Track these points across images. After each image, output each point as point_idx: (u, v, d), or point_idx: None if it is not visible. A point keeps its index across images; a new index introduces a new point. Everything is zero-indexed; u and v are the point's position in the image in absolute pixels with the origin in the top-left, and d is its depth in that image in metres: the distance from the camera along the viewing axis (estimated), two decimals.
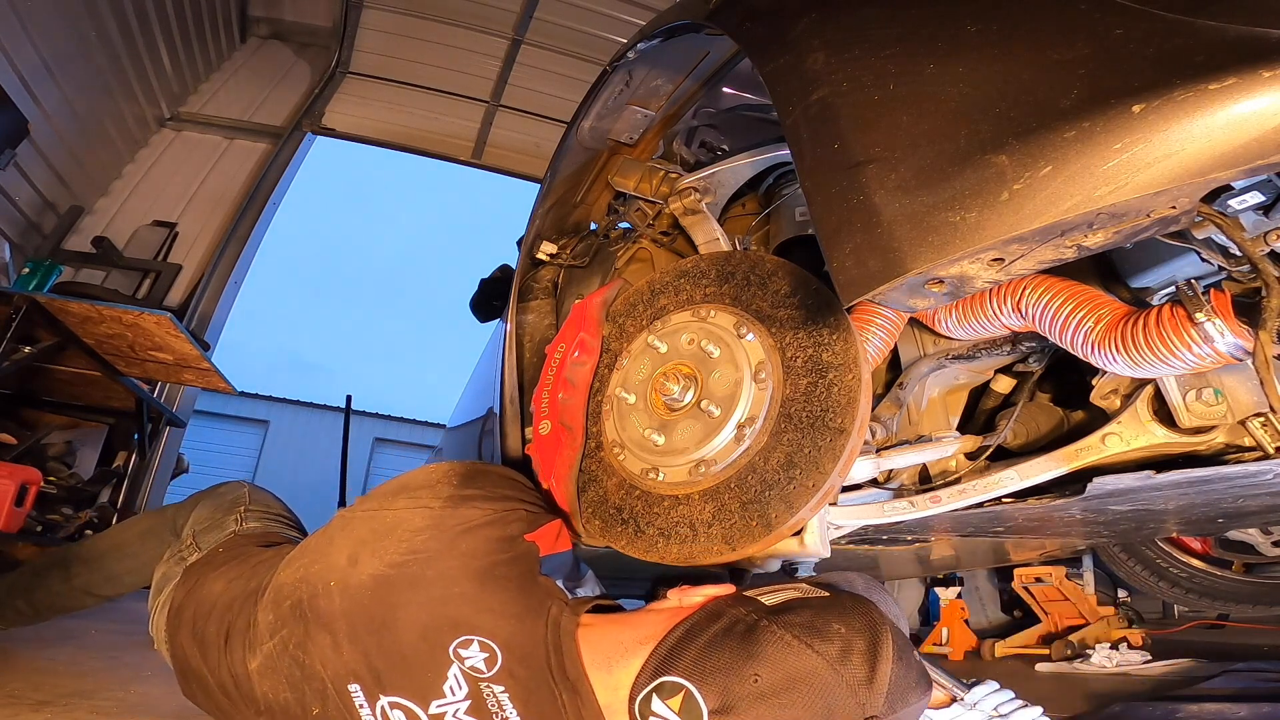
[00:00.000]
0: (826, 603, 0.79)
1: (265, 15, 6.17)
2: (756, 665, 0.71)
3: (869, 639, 0.73)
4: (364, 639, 0.86)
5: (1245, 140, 0.54)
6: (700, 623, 0.79)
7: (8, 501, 2.47)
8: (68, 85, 4.28)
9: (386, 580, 0.87)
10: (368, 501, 0.98)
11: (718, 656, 0.73)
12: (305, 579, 0.92)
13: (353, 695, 0.87)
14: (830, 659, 0.71)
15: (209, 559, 1.16)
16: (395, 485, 0.98)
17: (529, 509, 0.96)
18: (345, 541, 0.93)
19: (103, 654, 1.74)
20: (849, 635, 0.73)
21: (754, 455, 0.94)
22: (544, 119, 6.31)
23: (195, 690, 1.07)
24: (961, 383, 1.24)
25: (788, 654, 0.71)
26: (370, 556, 0.89)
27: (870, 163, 0.69)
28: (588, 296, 1.23)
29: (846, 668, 0.70)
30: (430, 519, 0.90)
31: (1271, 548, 2.06)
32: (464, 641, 0.83)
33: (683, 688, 0.72)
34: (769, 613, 0.77)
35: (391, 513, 0.93)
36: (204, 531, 1.24)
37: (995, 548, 1.99)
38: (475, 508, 0.92)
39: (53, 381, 3.28)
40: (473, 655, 0.83)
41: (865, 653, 0.71)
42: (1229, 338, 0.76)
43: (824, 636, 0.72)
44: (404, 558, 0.87)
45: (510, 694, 0.82)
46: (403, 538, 0.89)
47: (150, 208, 5.20)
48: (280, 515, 1.33)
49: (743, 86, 1.79)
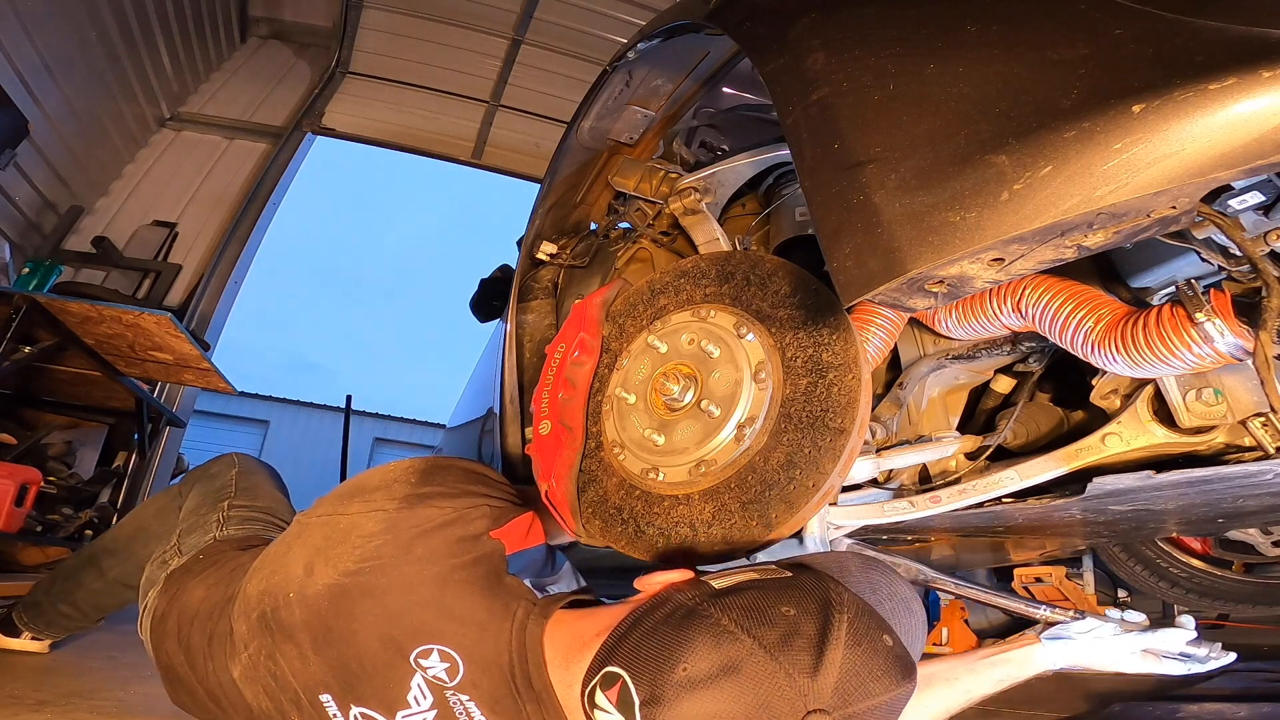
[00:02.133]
0: (782, 584, 0.70)
1: (265, 15, 6.17)
2: (685, 653, 0.64)
3: (819, 622, 0.64)
4: (326, 651, 0.84)
5: (1245, 140, 0.53)
6: (646, 610, 0.73)
7: (8, 501, 2.47)
8: (68, 85, 4.28)
9: (342, 590, 0.83)
10: (323, 505, 0.93)
11: (651, 644, 0.67)
12: (268, 590, 0.89)
13: (325, 705, 0.85)
14: (768, 645, 0.63)
15: (189, 566, 1.13)
16: (351, 486, 0.94)
17: (494, 504, 0.91)
18: (301, 550, 0.89)
19: (103, 654, 1.74)
20: (797, 619, 0.65)
21: (754, 455, 0.94)
22: (544, 119, 6.31)
23: (184, 697, 1.06)
24: (961, 383, 1.24)
25: (721, 640, 0.64)
26: (324, 565, 0.85)
27: (870, 163, 0.69)
28: (588, 296, 1.23)
29: (786, 654, 0.62)
30: (384, 523, 0.86)
31: (1271, 548, 2.05)
32: (424, 651, 0.80)
33: (619, 678, 0.66)
34: (712, 596, 0.70)
35: (346, 518, 0.89)
36: (187, 532, 1.22)
37: (995, 547, 1.99)
38: (433, 507, 0.87)
39: (53, 381, 3.28)
40: (434, 665, 0.80)
41: (811, 638, 0.63)
42: (1229, 338, 0.76)
43: (765, 620, 0.65)
44: (358, 565, 0.83)
45: (477, 702, 0.80)
46: (356, 544, 0.85)
47: (150, 208, 5.20)
48: (265, 511, 1.29)
49: (743, 86, 1.79)
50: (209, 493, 1.31)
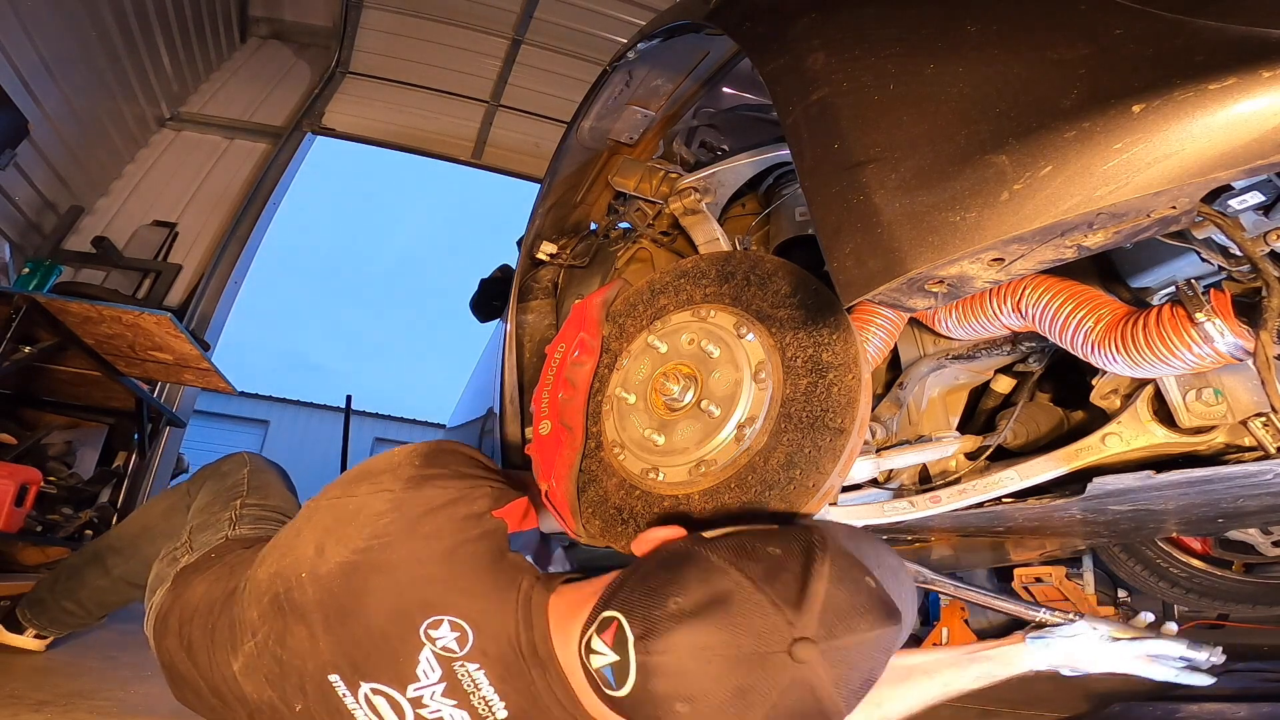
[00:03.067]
0: (769, 531, 0.75)
1: (265, 15, 6.17)
2: (677, 587, 0.68)
3: (803, 560, 0.68)
4: (336, 628, 0.86)
5: (1245, 140, 0.53)
6: (641, 562, 0.78)
7: (8, 501, 2.47)
8: (68, 85, 4.28)
9: (353, 566, 0.86)
10: (331, 490, 0.97)
11: (645, 585, 0.71)
12: (279, 573, 0.92)
13: (334, 686, 0.87)
14: (755, 577, 0.67)
15: (198, 564, 1.14)
16: (358, 471, 0.98)
17: (493, 485, 0.95)
18: (311, 532, 0.92)
19: (102, 654, 1.74)
20: (783, 557, 0.69)
21: (754, 455, 0.94)
22: (544, 119, 6.31)
23: (187, 694, 1.07)
24: (961, 383, 1.24)
25: (711, 574, 0.68)
26: (335, 544, 0.88)
27: (870, 163, 0.69)
28: (588, 296, 1.23)
29: (772, 586, 0.66)
30: (391, 502, 0.89)
31: (1271, 548, 2.05)
32: (434, 622, 0.83)
33: (614, 619, 0.69)
34: (702, 541, 0.75)
35: (354, 499, 0.92)
36: (199, 529, 1.23)
37: (995, 547, 1.99)
38: (437, 487, 0.91)
39: (53, 381, 3.28)
40: (443, 635, 0.83)
41: (796, 573, 0.67)
42: (1229, 338, 0.76)
43: (752, 557, 0.69)
44: (368, 543, 0.87)
45: (485, 670, 0.82)
46: (365, 523, 0.88)
47: (150, 208, 5.19)
48: (277, 510, 1.31)
49: (743, 86, 1.79)
50: (220, 490, 1.32)
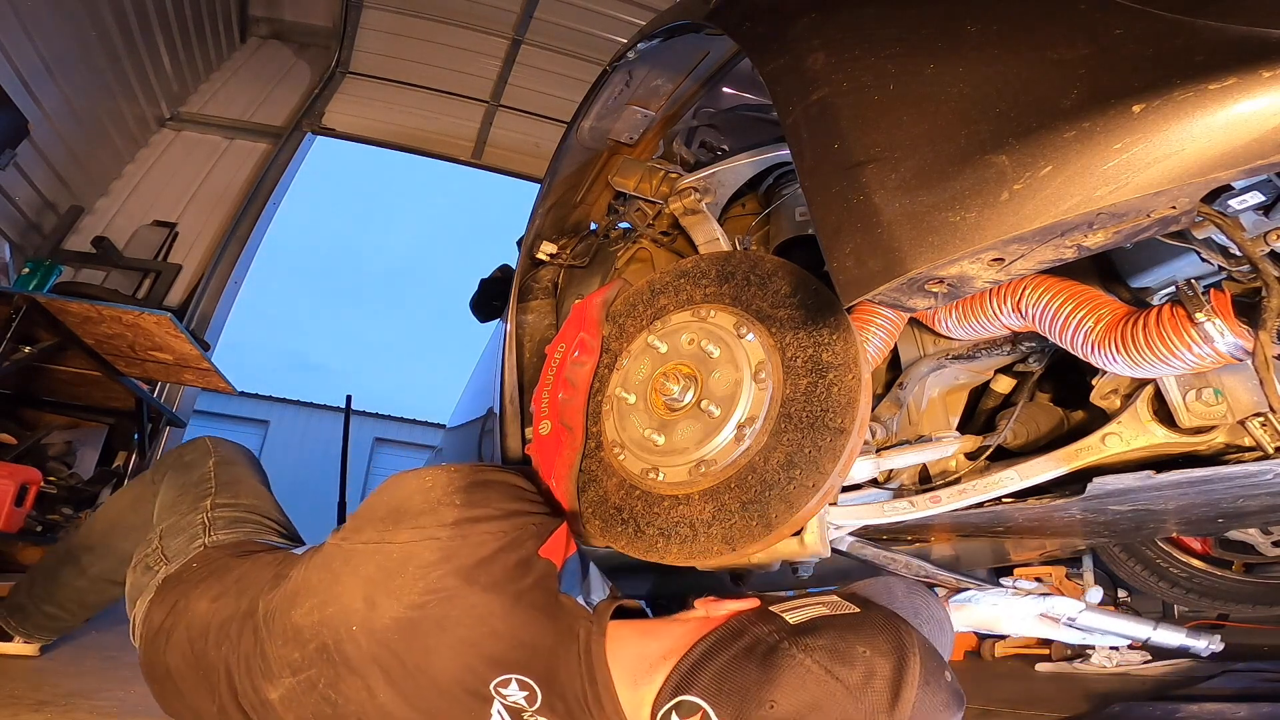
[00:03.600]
0: (853, 621, 0.76)
1: (265, 15, 6.17)
2: (773, 690, 0.69)
3: (894, 663, 0.70)
4: (400, 683, 0.84)
5: (1245, 140, 0.53)
6: (722, 640, 0.77)
7: (8, 501, 2.47)
8: (68, 85, 4.29)
9: (410, 623, 0.83)
10: (365, 530, 0.90)
11: (736, 678, 0.72)
12: (324, 622, 0.87)
13: None
14: (851, 686, 0.68)
15: (183, 575, 1.10)
16: (391, 509, 0.90)
17: (536, 520, 0.91)
18: (353, 580, 0.87)
19: (102, 654, 1.74)
20: (873, 659, 0.70)
21: (754, 455, 0.94)
22: (544, 119, 6.32)
23: (182, 709, 1.04)
24: (961, 383, 1.24)
25: (806, 680, 0.69)
26: (386, 598, 0.84)
27: (870, 163, 0.69)
28: (588, 296, 1.23)
29: (867, 696, 0.68)
30: (441, 552, 0.84)
31: (1271, 548, 2.06)
32: (503, 681, 0.82)
33: (700, 708, 0.71)
34: (791, 633, 0.75)
35: (398, 547, 0.86)
36: (170, 532, 1.19)
37: (995, 547, 1.99)
38: (485, 532, 0.86)
39: (53, 381, 3.28)
40: (513, 693, 0.82)
41: (889, 678, 0.69)
42: (1229, 338, 0.76)
43: (845, 661, 0.70)
44: (423, 598, 0.83)
45: None
46: (417, 575, 0.84)
47: (150, 208, 5.20)
48: (250, 510, 1.25)
49: (743, 86, 1.79)
50: (187, 486, 1.27)
